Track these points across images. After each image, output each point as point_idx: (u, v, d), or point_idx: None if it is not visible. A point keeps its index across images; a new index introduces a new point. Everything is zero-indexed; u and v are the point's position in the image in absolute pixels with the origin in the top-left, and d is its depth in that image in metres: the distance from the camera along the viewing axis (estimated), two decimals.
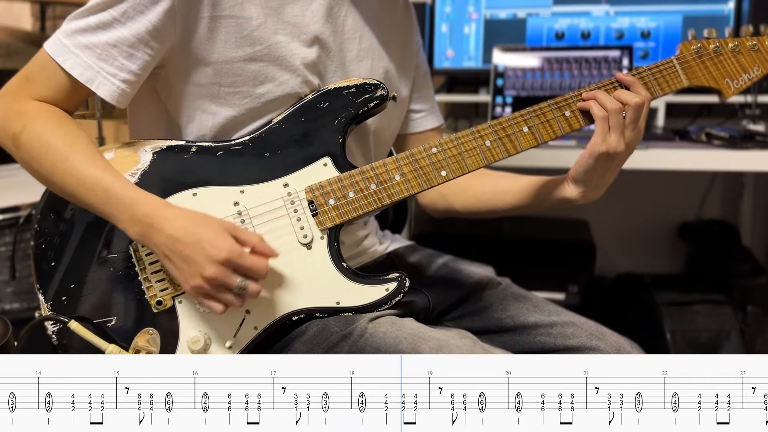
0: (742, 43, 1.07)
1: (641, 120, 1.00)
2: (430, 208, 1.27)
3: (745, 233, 2.32)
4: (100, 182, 0.91)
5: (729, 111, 1.95)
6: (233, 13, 0.97)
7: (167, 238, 0.89)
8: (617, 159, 1.00)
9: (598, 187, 1.04)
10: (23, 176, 1.92)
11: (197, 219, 0.91)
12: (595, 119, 1.00)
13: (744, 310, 1.89)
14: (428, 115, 1.26)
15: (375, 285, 0.99)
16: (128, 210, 0.90)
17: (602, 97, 1.00)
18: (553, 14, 1.95)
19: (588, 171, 1.01)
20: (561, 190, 1.06)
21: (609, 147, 0.99)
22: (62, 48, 0.94)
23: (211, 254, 0.87)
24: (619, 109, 0.98)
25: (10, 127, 0.94)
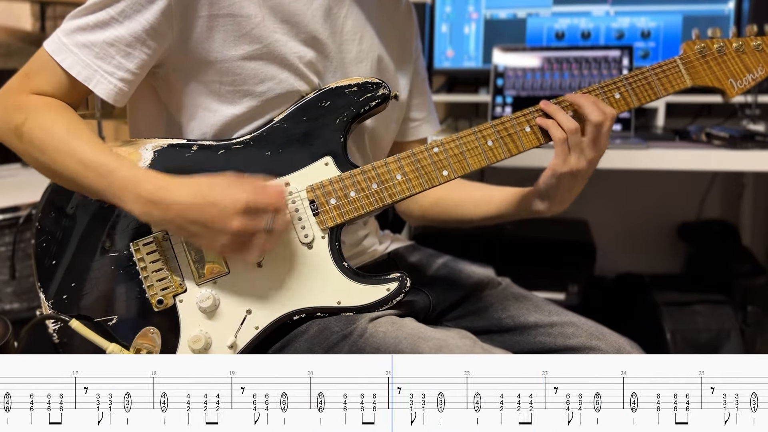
0: (746, 42, 1.07)
1: (602, 138, 0.99)
2: (405, 215, 1.28)
3: (745, 233, 2.32)
4: (104, 165, 0.90)
5: (729, 111, 1.95)
6: (231, 12, 0.97)
7: (178, 209, 0.88)
8: (579, 176, 1.01)
9: (564, 201, 1.05)
10: (23, 176, 1.93)
11: (200, 182, 0.90)
12: (554, 141, 1.00)
13: (744, 310, 1.89)
14: (424, 123, 1.27)
15: (376, 285, 0.98)
16: (133, 189, 0.89)
17: (561, 117, 1.00)
18: (553, 14, 1.95)
19: (552, 188, 1.03)
20: (529, 202, 1.08)
21: (570, 167, 0.99)
22: (61, 46, 0.95)
23: (230, 208, 0.87)
24: (576, 129, 0.99)
25: (12, 121, 0.95)
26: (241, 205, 0.87)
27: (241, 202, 0.87)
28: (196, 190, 0.89)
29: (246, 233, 0.88)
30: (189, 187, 0.89)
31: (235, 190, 0.88)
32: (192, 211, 0.88)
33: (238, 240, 0.89)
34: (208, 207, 0.88)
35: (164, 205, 0.89)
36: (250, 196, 0.88)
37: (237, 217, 0.87)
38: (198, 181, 0.90)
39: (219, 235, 0.88)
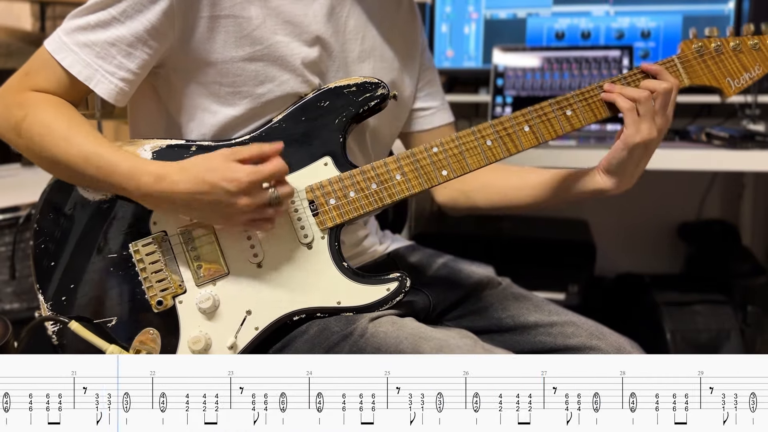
0: (744, 41, 1.07)
1: (670, 106, 1.01)
2: (449, 206, 1.26)
3: (745, 233, 2.32)
4: (105, 159, 0.91)
5: (729, 111, 1.95)
6: (233, 13, 0.97)
7: (183, 199, 0.90)
8: (650, 147, 1.01)
9: (633, 176, 1.04)
10: (23, 176, 1.93)
11: (198, 167, 0.90)
12: (623, 111, 1.00)
13: (744, 310, 1.89)
14: (438, 111, 1.25)
15: (376, 285, 0.98)
16: (134, 182, 0.91)
17: (627, 90, 1.00)
18: (553, 14, 1.95)
19: (622, 162, 1.01)
20: (591, 181, 1.06)
21: (643, 137, 0.99)
22: (62, 45, 0.95)
23: (233, 189, 0.88)
24: (647, 97, 0.99)
25: (12, 117, 0.95)
26: (244, 185, 0.88)
27: (243, 182, 0.88)
28: (195, 176, 0.89)
29: (254, 207, 0.90)
30: (188, 173, 0.90)
31: (234, 170, 0.89)
32: (196, 199, 0.90)
33: (251, 216, 0.91)
34: (212, 192, 0.89)
35: (167, 197, 0.90)
36: (250, 174, 0.89)
37: (242, 196, 0.89)
38: (196, 167, 0.91)
39: (229, 216, 0.91)
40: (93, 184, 0.94)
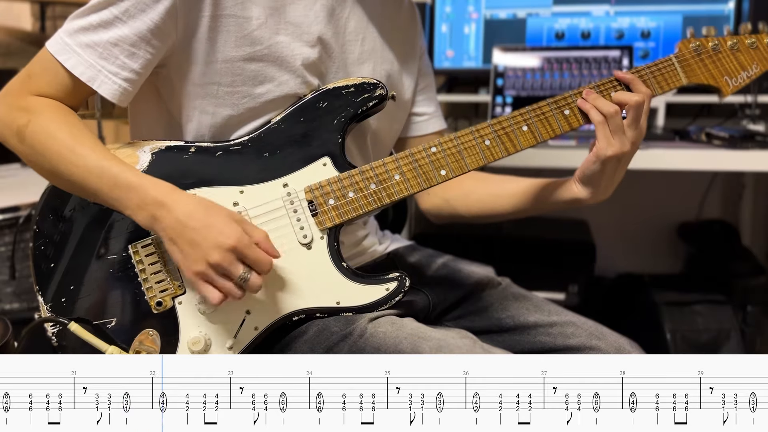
0: (741, 40, 1.07)
1: (642, 118, 1.00)
2: (433, 214, 1.26)
3: (745, 233, 2.32)
4: (108, 170, 0.91)
5: (729, 111, 1.95)
6: (234, 13, 0.97)
7: (176, 221, 0.89)
8: (623, 160, 1.00)
9: (607, 187, 1.04)
10: (23, 176, 1.93)
11: (206, 205, 0.91)
12: (595, 125, 1.00)
13: (744, 310, 1.89)
14: (431, 118, 1.25)
15: (375, 285, 0.98)
16: (136, 195, 0.90)
17: (599, 102, 1.00)
18: (553, 14, 1.94)
19: (595, 174, 1.01)
20: (568, 191, 1.06)
21: (615, 150, 0.98)
22: (64, 47, 0.94)
23: (219, 240, 0.87)
24: (615, 112, 0.98)
25: (14, 122, 0.94)
26: (229, 244, 0.87)
27: (231, 240, 0.87)
28: (194, 210, 0.89)
29: (220, 270, 0.88)
30: (191, 204, 0.90)
31: (231, 228, 0.88)
32: (186, 228, 0.89)
33: (215, 272, 0.88)
34: (201, 230, 0.88)
35: (165, 213, 0.89)
36: (242, 241, 0.88)
37: (220, 251, 0.87)
38: (202, 202, 0.91)
39: (197, 261, 0.88)
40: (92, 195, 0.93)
